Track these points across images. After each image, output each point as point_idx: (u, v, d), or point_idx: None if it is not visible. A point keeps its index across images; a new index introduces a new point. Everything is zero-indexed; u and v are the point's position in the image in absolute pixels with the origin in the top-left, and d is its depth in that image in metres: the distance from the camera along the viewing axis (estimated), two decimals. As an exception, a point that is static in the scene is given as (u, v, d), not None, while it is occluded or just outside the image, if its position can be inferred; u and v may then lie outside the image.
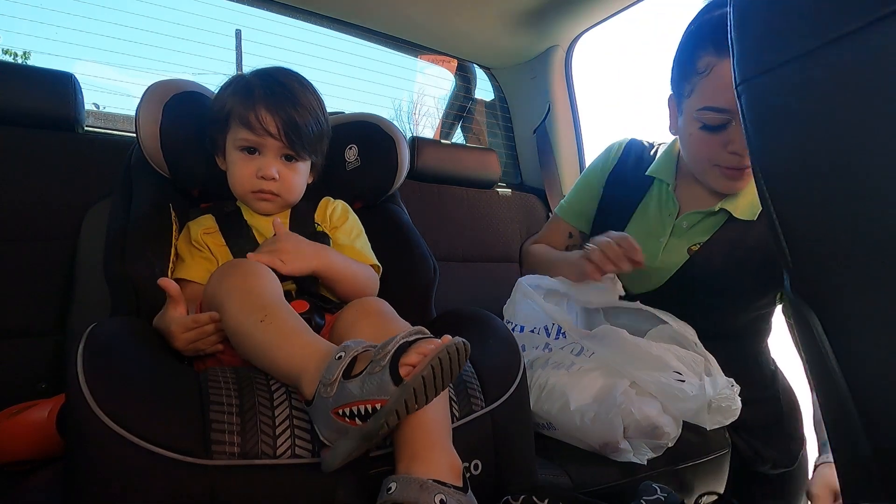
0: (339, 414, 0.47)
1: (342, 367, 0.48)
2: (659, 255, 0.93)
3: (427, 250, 0.92)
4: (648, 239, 0.93)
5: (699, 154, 0.85)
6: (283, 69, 0.80)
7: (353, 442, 0.47)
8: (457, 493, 0.47)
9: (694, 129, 0.83)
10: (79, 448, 0.48)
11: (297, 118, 0.74)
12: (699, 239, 0.91)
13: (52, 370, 0.92)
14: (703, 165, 0.86)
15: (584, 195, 1.07)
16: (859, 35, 0.30)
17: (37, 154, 0.98)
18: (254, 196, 0.76)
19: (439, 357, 0.46)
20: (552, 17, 1.46)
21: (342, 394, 0.47)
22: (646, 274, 0.92)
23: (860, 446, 0.34)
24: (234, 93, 0.75)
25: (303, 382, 0.50)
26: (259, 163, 0.75)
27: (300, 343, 0.54)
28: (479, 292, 1.47)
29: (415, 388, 0.45)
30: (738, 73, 0.39)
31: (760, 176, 0.39)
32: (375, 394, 0.46)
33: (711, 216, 0.90)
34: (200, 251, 0.75)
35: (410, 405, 0.46)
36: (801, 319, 0.37)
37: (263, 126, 0.73)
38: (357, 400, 0.46)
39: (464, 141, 1.91)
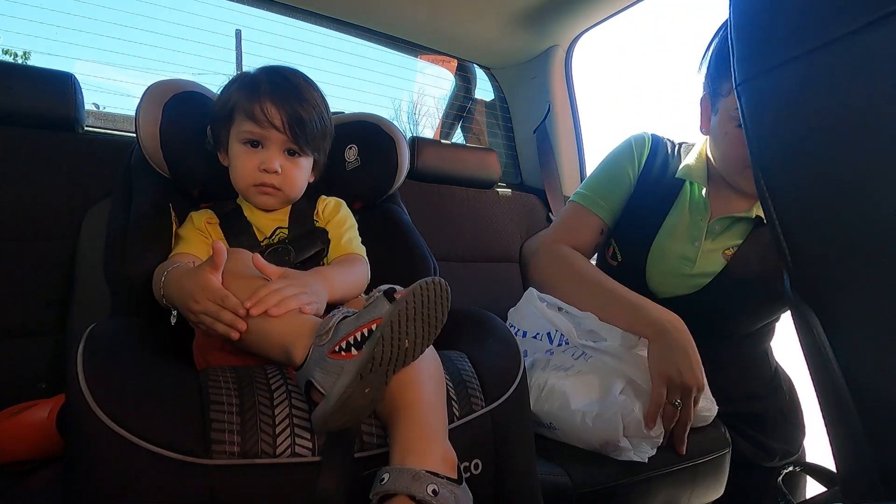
0: (335, 352, 0.49)
1: (338, 317, 0.52)
2: (696, 260, 0.91)
3: (427, 250, 0.92)
4: (685, 244, 0.92)
5: (734, 153, 0.84)
6: (288, 67, 0.81)
7: (350, 377, 0.47)
8: (450, 483, 0.47)
9: (730, 128, 0.81)
10: (79, 448, 0.48)
11: (302, 112, 0.75)
12: (733, 242, 0.90)
13: (52, 370, 0.92)
14: (737, 165, 0.85)
15: (617, 187, 0.99)
16: (859, 35, 0.30)
17: (37, 154, 0.98)
18: (255, 189, 0.76)
19: (425, 281, 0.49)
20: (552, 17, 1.46)
21: (339, 332, 0.50)
22: (682, 279, 0.91)
23: (860, 446, 0.34)
24: (240, 88, 0.76)
25: (295, 348, 0.53)
26: (262, 156, 0.75)
27: (292, 318, 0.56)
28: (479, 292, 1.47)
29: (406, 304, 0.48)
30: (738, 73, 0.39)
31: (760, 176, 0.39)
32: (372, 317, 0.49)
33: (744, 221, 0.89)
34: (203, 236, 0.75)
35: (402, 326, 0.47)
36: (801, 319, 0.37)
37: (268, 118, 0.73)
38: (354, 329, 0.49)
39: (464, 141, 1.91)
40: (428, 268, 0.90)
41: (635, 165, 0.99)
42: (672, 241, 0.93)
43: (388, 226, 0.95)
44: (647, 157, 0.99)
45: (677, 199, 0.95)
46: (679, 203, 0.95)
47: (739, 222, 0.90)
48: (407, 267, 0.90)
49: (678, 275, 0.92)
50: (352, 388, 0.47)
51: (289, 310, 0.56)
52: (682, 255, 0.92)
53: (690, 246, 0.92)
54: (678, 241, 0.92)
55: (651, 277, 0.95)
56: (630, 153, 1.00)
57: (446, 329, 0.74)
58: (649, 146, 1.00)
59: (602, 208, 0.98)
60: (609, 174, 1.00)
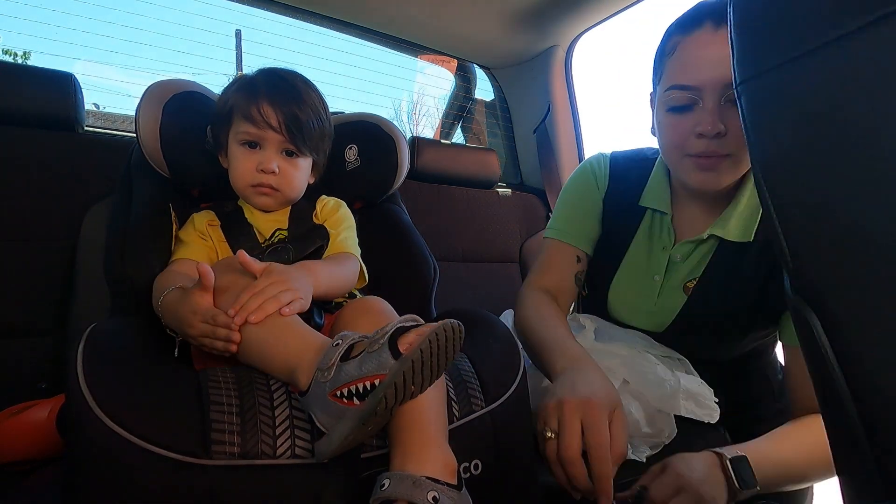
0: (336, 396, 0.47)
1: (340, 351, 0.49)
2: (655, 297, 0.85)
3: (427, 250, 0.92)
4: (643, 278, 0.86)
5: (670, 142, 0.77)
6: (287, 69, 0.81)
7: (350, 424, 0.47)
8: (450, 490, 0.47)
9: (662, 114, 0.76)
10: (78, 448, 0.48)
11: (299, 113, 0.75)
12: (694, 274, 0.83)
13: (52, 370, 0.92)
14: (675, 157, 0.77)
15: (586, 213, 0.92)
16: (859, 35, 0.30)
17: (37, 154, 0.98)
18: (254, 190, 0.76)
19: (436, 333, 0.47)
20: (552, 17, 1.46)
21: (340, 375, 0.47)
22: (646, 316, 0.86)
23: (860, 447, 0.34)
24: (238, 89, 0.76)
25: (298, 373, 0.51)
26: (260, 157, 0.75)
27: (296, 336, 0.54)
28: (479, 292, 1.47)
29: (413, 362, 0.45)
30: (738, 73, 0.39)
31: (760, 176, 0.39)
32: (374, 370, 0.46)
33: (702, 244, 0.82)
34: (204, 240, 0.75)
35: (408, 381, 0.46)
36: (801, 319, 0.37)
37: (265, 119, 0.73)
38: (355, 378, 0.46)
39: (464, 141, 1.91)
40: (428, 268, 0.90)
41: (597, 190, 0.92)
42: (632, 276, 0.87)
43: (388, 226, 0.95)
44: (608, 180, 0.92)
45: (639, 227, 0.88)
46: (641, 232, 0.88)
47: (700, 247, 0.82)
48: (407, 267, 0.90)
49: (640, 311, 0.87)
50: (353, 434, 0.47)
51: (267, 314, 0.55)
52: (641, 291, 0.86)
53: (650, 281, 0.86)
54: (639, 276, 0.87)
55: (615, 312, 0.90)
56: (588, 178, 0.93)
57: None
58: (607, 169, 0.92)
59: (572, 235, 0.92)
60: (572, 203, 0.94)
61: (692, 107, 0.71)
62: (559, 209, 0.96)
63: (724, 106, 0.68)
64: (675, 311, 0.83)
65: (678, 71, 0.72)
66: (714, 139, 0.70)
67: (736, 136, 0.69)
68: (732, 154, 0.71)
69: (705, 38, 0.68)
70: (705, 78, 0.68)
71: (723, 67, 0.66)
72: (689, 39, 0.70)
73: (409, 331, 0.48)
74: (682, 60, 0.71)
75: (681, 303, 0.83)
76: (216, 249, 0.75)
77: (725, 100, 0.68)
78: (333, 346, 0.50)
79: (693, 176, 0.76)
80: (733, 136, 0.69)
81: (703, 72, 0.68)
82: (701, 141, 0.71)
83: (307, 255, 0.76)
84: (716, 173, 0.73)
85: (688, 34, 0.70)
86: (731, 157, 0.71)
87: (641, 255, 0.87)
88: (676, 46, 0.72)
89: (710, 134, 0.69)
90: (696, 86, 0.70)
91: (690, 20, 0.70)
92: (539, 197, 1.71)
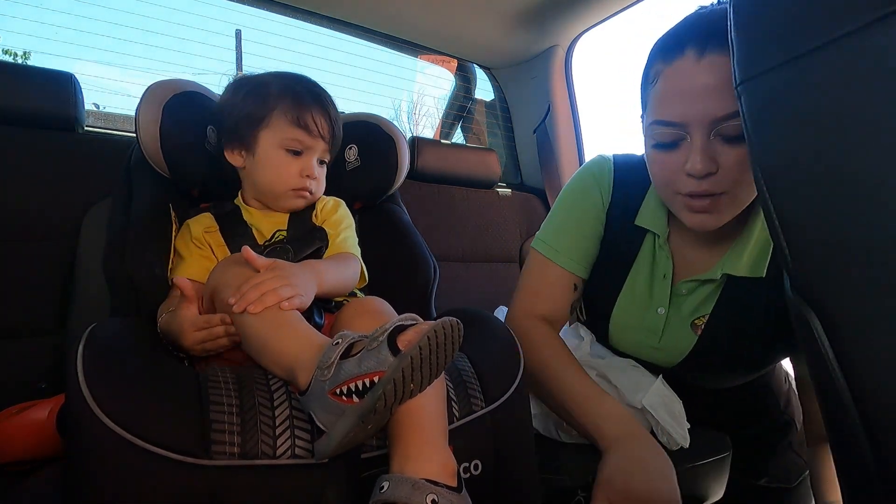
0: (336, 394, 0.47)
1: (340, 350, 0.49)
2: (661, 332, 0.77)
3: (427, 250, 0.92)
4: (646, 309, 0.78)
5: (659, 179, 0.70)
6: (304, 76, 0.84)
7: (350, 422, 0.47)
8: (450, 493, 0.47)
9: (650, 149, 0.68)
10: (78, 448, 0.48)
11: (336, 125, 0.80)
12: (702, 311, 0.75)
13: (52, 370, 0.92)
14: (667, 195, 0.70)
15: (588, 231, 0.81)
16: (859, 35, 0.30)
17: (37, 154, 0.98)
18: (294, 193, 0.78)
19: (434, 330, 0.47)
20: (552, 17, 1.46)
21: (340, 373, 0.47)
22: (651, 352, 0.80)
23: (861, 447, 0.34)
24: (280, 93, 0.77)
25: (298, 372, 0.51)
26: (303, 163, 0.78)
27: (296, 334, 0.55)
28: (479, 292, 1.47)
29: (412, 359, 0.45)
30: (738, 73, 0.39)
31: (760, 176, 0.39)
32: (374, 367, 0.46)
33: (710, 280, 0.74)
34: (200, 249, 0.75)
35: (407, 378, 0.46)
36: (801, 320, 0.37)
37: (319, 128, 0.77)
38: (355, 376, 0.47)
39: (464, 141, 1.91)
40: (428, 268, 0.90)
41: (601, 202, 0.81)
42: (634, 307, 0.79)
43: (388, 226, 0.95)
44: (612, 190, 0.81)
45: (640, 250, 0.78)
46: (642, 256, 0.78)
47: (707, 283, 0.75)
48: (407, 267, 0.90)
49: (646, 347, 0.79)
50: (353, 432, 0.47)
51: (266, 307, 0.56)
52: (645, 324, 0.78)
53: (654, 313, 0.77)
54: (640, 307, 0.78)
55: (618, 345, 0.82)
56: (590, 189, 0.82)
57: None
58: (611, 177, 0.81)
59: (572, 259, 0.80)
60: (574, 218, 0.82)
61: (679, 143, 0.64)
62: (557, 220, 0.83)
63: (714, 141, 0.61)
64: (686, 351, 0.77)
65: (661, 105, 0.64)
66: (705, 179, 0.62)
67: (729, 173, 0.61)
68: (728, 192, 0.63)
69: (688, 68, 0.60)
70: (690, 113, 0.60)
71: (710, 100, 0.59)
72: (671, 70, 0.62)
73: (408, 328, 0.48)
74: (664, 93, 0.63)
75: (691, 342, 0.76)
76: (215, 256, 0.75)
77: (714, 134, 0.60)
78: (333, 345, 0.50)
79: (688, 218, 0.68)
80: (726, 172, 0.61)
81: (688, 107, 0.60)
82: (691, 180, 0.64)
83: (306, 257, 0.76)
84: (712, 215, 0.66)
85: (669, 63, 0.62)
86: (726, 195, 0.63)
87: (643, 283, 0.79)
88: (658, 76, 0.64)
89: (700, 174, 0.62)
90: (681, 122, 0.62)
91: (672, 46, 0.62)
92: (539, 197, 1.71)
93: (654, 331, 0.78)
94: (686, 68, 0.60)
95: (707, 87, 0.59)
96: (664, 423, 0.74)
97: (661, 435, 0.77)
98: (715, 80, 0.58)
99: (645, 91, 0.69)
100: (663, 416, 0.74)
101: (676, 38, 0.63)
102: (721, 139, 0.61)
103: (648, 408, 0.74)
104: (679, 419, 0.76)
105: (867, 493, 0.36)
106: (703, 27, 0.61)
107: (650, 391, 0.75)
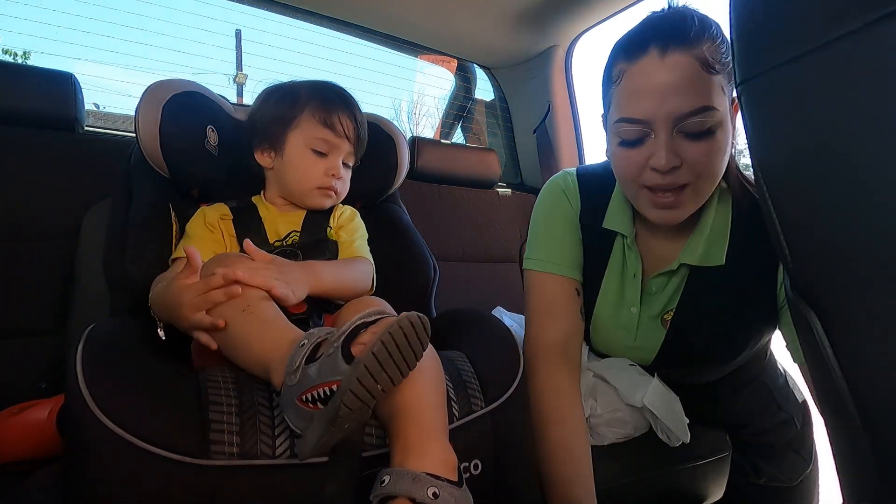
0: (303, 400, 0.47)
1: (304, 353, 0.49)
2: (635, 330, 0.79)
3: (427, 250, 0.92)
4: (621, 310, 0.80)
5: (625, 175, 0.71)
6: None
7: (320, 426, 0.47)
8: (450, 486, 0.47)
9: (614, 146, 0.70)
10: (78, 448, 0.48)
11: (361, 128, 0.83)
12: (670, 305, 0.78)
13: (52, 370, 0.92)
14: (631, 190, 0.72)
15: (570, 237, 0.82)
16: (859, 35, 0.30)
17: (37, 154, 0.98)
18: (319, 191, 0.80)
19: (390, 331, 0.46)
20: (552, 17, 1.46)
21: (304, 379, 0.47)
22: (628, 351, 0.81)
23: (860, 446, 0.34)
24: (310, 96, 0.80)
25: (272, 372, 0.51)
26: (329, 162, 0.80)
27: (273, 334, 0.54)
28: (479, 292, 1.47)
29: (367, 366, 0.45)
30: (738, 73, 0.39)
31: (760, 176, 0.39)
32: (330, 375, 0.46)
33: (674, 274, 0.76)
34: (212, 232, 0.76)
35: (367, 383, 0.45)
36: (800, 319, 0.37)
37: (345, 129, 0.79)
38: (316, 384, 0.46)
39: (464, 141, 1.91)
40: (428, 268, 0.90)
41: (571, 209, 0.83)
42: (610, 308, 0.81)
43: (388, 226, 0.95)
44: (580, 198, 0.82)
45: (612, 252, 0.81)
46: (614, 258, 0.81)
47: (673, 278, 0.77)
48: (407, 267, 0.90)
49: (623, 346, 0.81)
50: (325, 436, 0.47)
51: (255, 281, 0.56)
52: (620, 324, 0.80)
53: (628, 312, 0.79)
54: (616, 308, 0.80)
55: (597, 344, 0.85)
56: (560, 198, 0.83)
57: (446, 329, 0.75)
58: (576, 186, 0.83)
59: (566, 265, 0.80)
60: (555, 226, 0.83)
61: (644, 139, 0.66)
62: (539, 236, 0.84)
63: (677, 137, 0.63)
64: (657, 346, 0.79)
65: (625, 103, 0.66)
66: (669, 173, 0.65)
67: (692, 166, 0.64)
68: (690, 183, 0.65)
69: (651, 66, 0.62)
70: (654, 111, 0.62)
71: (673, 98, 0.61)
72: (635, 68, 0.64)
73: (365, 330, 0.48)
74: (629, 91, 0.65)
75: (661, 337, 0.78)
76: (225, 243, 0.75)
77: (678, 131, 0.63)
78: (299, 347, 0.50)
79: (652, 213, 0.70)
80: (689, 166, 0.64)
81: (652, 104, 0.62)
82: (655, 174, 0.66)
83: None
84: (676, 209, 0.68)
85: (633, 62, 0.64)
86: (689, 187, 0.66)
87: (616, 283, 0.81)
88: (622, 74, 0.66)
89: (664, 169, 0.64)
90: (646, 119, 0.64)
91: (636, 45, 0.64)
92: (539, 197, 1.71)
93: (629, 329, 0.80)
94: (649, 67, 0.62)
95: (670, 84, 0.61)
96: (665, 420, 0.75)
97: (661, 433, 0.77)
98: (677, 78, 0.61)
99: (607, 90, 0.71)
100: (664, 415, 0.75)
101: (639, 38, 0.64)
102: (683, 135, 0.63)
103: (649, 406, 0.75)
104: (679, 416, 0.77)
105: (867, 491, 0.36)
106: (665, 27, 0.63)
107: (650, 390, 0.76)
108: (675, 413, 0.76)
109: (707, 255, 0.73)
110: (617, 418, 0.77)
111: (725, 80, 0.62)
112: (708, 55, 0.61)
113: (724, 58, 0.62)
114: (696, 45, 0.61)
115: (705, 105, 0.61)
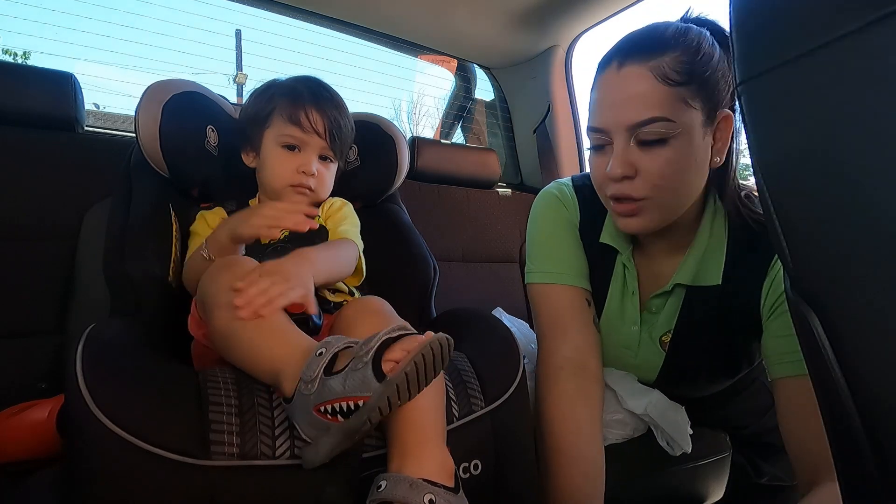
0: (320, 411, 0.47)
1: (323, 363, 0.48)
2: (637, 348, 0.78)
3: (427, 250, 0.92)
4: (622, 327, 0.79)
5: (595, 182, 0.72)
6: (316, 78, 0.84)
7: (336, 438, 0.47)
8: (447, 493, 0.47)
9: (590, 153, 0.72)
10: (78, 448, 0.48)
11: (340, 121, 0.80)
12: (669, 326, 0.76)
13: (52, 370, 0.92)
14: (602, 198, 0.72)
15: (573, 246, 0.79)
16: (859, 35, 0.30)
17: (37, 154, 0.98)
18: (292, 189, 0.79)
19: (422, 353, 0.46)
20: (552, 17, 1.46)
21: (324, 390, 0.47)
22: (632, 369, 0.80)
23: (861, 447, 0.34)
24: (281, 93, 0.79)
25: (283, 380, 0.50)
26: (300, 159, 0.78)
27: (282, 340, 0.54)
28: (479, 292, 1.47)
29: (398, 385, 0.45)
30: (738, 73, 0.39)
31: (761, 176, 0.39)
32: (358, 390, 0.45)
33: (671, 295, 0.75)
34: None
35: (393, 401, 0.46)
36: (800, 319, 0.37)
37: (312, 124, 0.77)
38: (339, 397, 0.46)
39: (464, 141, 1.91)
40: (428, 267, 0.90)
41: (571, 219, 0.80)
42: (613, 324, 0.79)
43: (388, 226, 0.95)
44: (578, 208, 0.80)
45: (615, 267, 0.78)
46: (616, 273, 0.78)
47: (670, 298, 0.75)
48: (407, 267, 0.90)
49: (625, 364, 0.80)
50: (339, 447, 0.48)
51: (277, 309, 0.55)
52: (622, 342, 0.79)
53: (629, 330, 0.78)
54: (618, 324, 0.79)
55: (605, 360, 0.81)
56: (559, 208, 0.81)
57: (446, 329, 0.75)
58: (573, 196, 0.81)
59: (571, 276, 0.77)
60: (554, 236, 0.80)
61: (605, 147, 0.67)
62: (541, 247, 0.80)
63: (632, 148, 0.64)
64: (658, 368, 0.78)
65: (591, 112, 0.69)
66: (623, 182, 0.65)
67: (648, 178, 0.64)
68: (649, 197, 0.65)
69: (610, 78, 0.65)
70: (609, 121, 0.65)
71: (627, 109, 0.63)
72: (600, 80, 0.67)
73: (395, 344, 0.47)
74: (593, 101, 0.68)
75: (661, 358, 0.78)
76: None
77: (634, 140, 0.63)
78: (317, 356, 0.49)
79: (618, 221, 0.70)
80: (645, 178, 0.64)
81: (608, 114, 0.65)
82: (613, 183, 0.67)
83: None
84: (638, 219, 0.67)
85: (600, 73, 0.67)
86: (648, 200, 0.65)
87: (617, 301, 0.79)
88: (594, 84, 0.69)
89: (616, 178, 0.65)
90: (604, 128, 0.66)
91: (604, 58, 0.67)
92: (539, 197, 1.70)
93: (631, 347, 0.79)
94: (609, 79, 0.66)
95: (624, 97, 0.63)
96: (668, 430, 0.76)
97: (663, 441, 0.77)
98: (632, 89, 0.63)
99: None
100: (667, 425, 0.76)
101: (608, 52, 0.67)
102: (638, 144, 0.64)
103: (654, 417, 0.75)
104: (682, 427, 0.77)
105: (868, 494, 0.36)
106: (626, 42, 0.66)
107: (654, 401, 0.76)
108: (679, 424, 0.76)
109: (700, 275, 0.72)
110: (616, 420, 0.77)
111: (693, 93, 0.62)
112: (668, 68, 0.61)
113: (696, 69, 0.62)
114: (655, 57, 0.62)
115: (656, 116, 0.61)
